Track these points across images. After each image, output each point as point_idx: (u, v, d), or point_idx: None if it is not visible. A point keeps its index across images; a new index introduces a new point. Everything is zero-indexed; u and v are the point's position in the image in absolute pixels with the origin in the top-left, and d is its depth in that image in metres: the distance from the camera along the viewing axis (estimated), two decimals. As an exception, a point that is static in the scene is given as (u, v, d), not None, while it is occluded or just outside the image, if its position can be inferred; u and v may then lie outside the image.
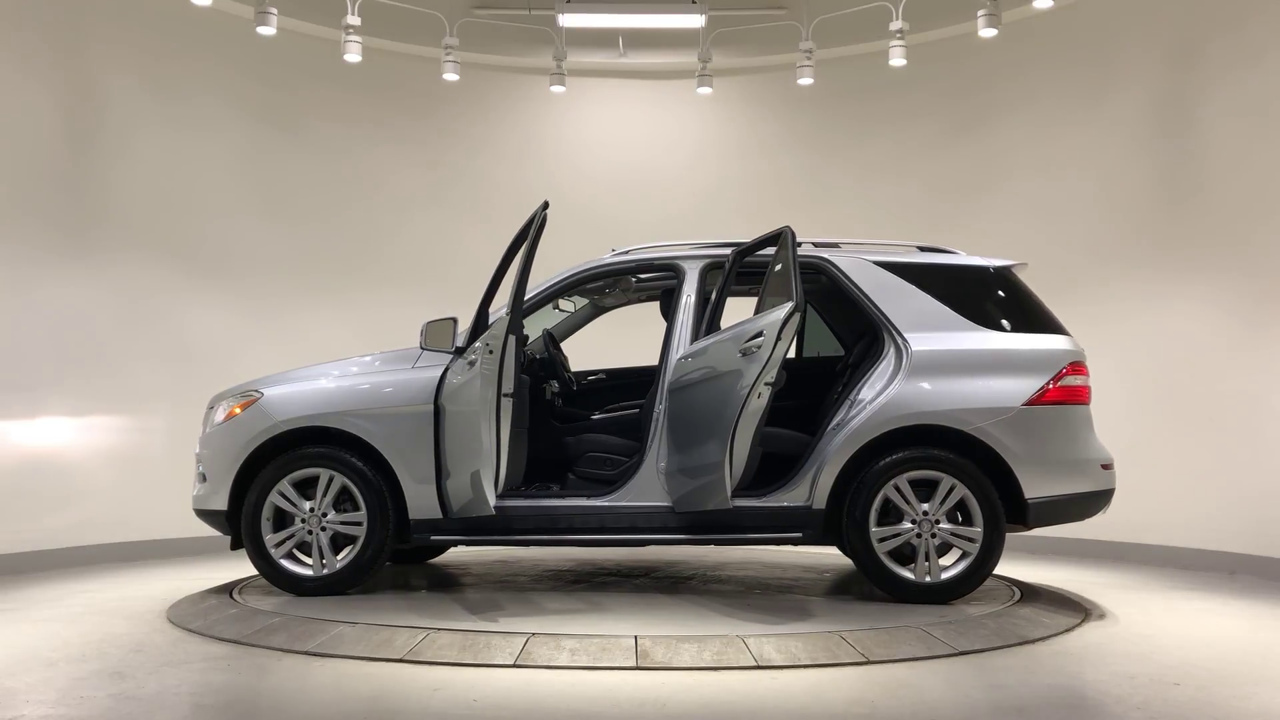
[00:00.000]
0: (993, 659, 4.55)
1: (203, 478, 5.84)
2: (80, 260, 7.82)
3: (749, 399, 5.00)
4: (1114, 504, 5.76)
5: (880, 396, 5.51)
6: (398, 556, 7.02)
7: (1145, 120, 8.11)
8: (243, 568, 6.89)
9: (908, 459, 5.44)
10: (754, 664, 4.33)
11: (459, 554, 7.51)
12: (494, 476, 5.13)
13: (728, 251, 5.92)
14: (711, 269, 5.93)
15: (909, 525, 5.43)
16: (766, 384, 5.07)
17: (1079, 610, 5.60)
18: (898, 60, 8.42)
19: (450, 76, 8.93)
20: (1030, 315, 5.82)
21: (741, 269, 5.91)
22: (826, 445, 5.50)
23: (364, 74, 9.02)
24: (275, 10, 8.04)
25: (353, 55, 8.29)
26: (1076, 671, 4.37)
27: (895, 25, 8.31)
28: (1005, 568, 6.69)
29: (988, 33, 8.04)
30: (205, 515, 5.86)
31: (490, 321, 5.41)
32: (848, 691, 4.01)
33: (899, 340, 5.63)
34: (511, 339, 5.25)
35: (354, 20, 8.20)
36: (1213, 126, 7.65)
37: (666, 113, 9.95)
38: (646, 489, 5.54)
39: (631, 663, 4.33)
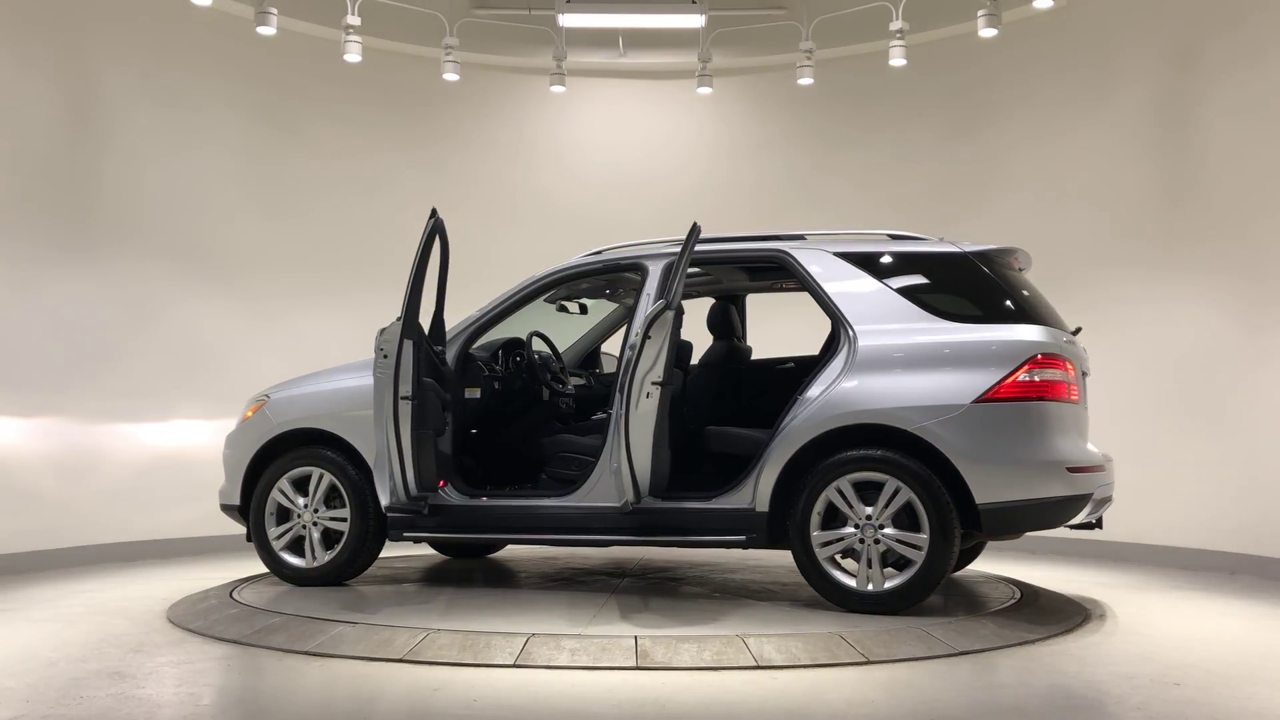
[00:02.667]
0: (993, 659, 4.55)
1: (226, 476, 6.33)
2: (80, 260, 7.82)
3: (638, 399, 5.00)
4: (1115, 504, 5.60)
5: (823, 395, 5.24)
6: (458, 552, 7.22)
7: (1145, 120, 8.11)
8: (242, 568, 6.91)
9: (848, 460, 5.13)
10: (754, 664, 4.33)
11: (456, 556, 7.51)
12: (399, 476, 5.36)
13: (704, 249, 5.86)
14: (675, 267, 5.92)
15: (851, 530, 5.12)
16: (654, 383, 5.01)
17: (1079, 610, 5.60)
18: (898, 60, 8.42)
19: (450, 76, 8.93)
20: (1002, 304, 5.34)
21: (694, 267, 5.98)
22: (770, 446, 5.28)
23: (364, 74, 9.02)
24: (275, 10, 8.04)
25: (353, 55, 8.29)
26: (1076, 671, 4.37)
27: (895, 25, 8.31)
28: (1005, 568, 6.71)
29: (988, 33, 8.04)
30: (226, 509, 6.35)
31: (460, 329, 5.73)
32: (848, 691, 4.01)
33: (850, 334, 5.32)
34: (408, 344, 5.38)
35: (354, 20, 8.20)
36: (1213, 126, 7.65)
37: (666, 113, 9.95)
38: (602, 490, 5.47)
39: (631, 663, 4.33)
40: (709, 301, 6.60)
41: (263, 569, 6.29)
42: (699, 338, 6.32)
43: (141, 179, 8.23)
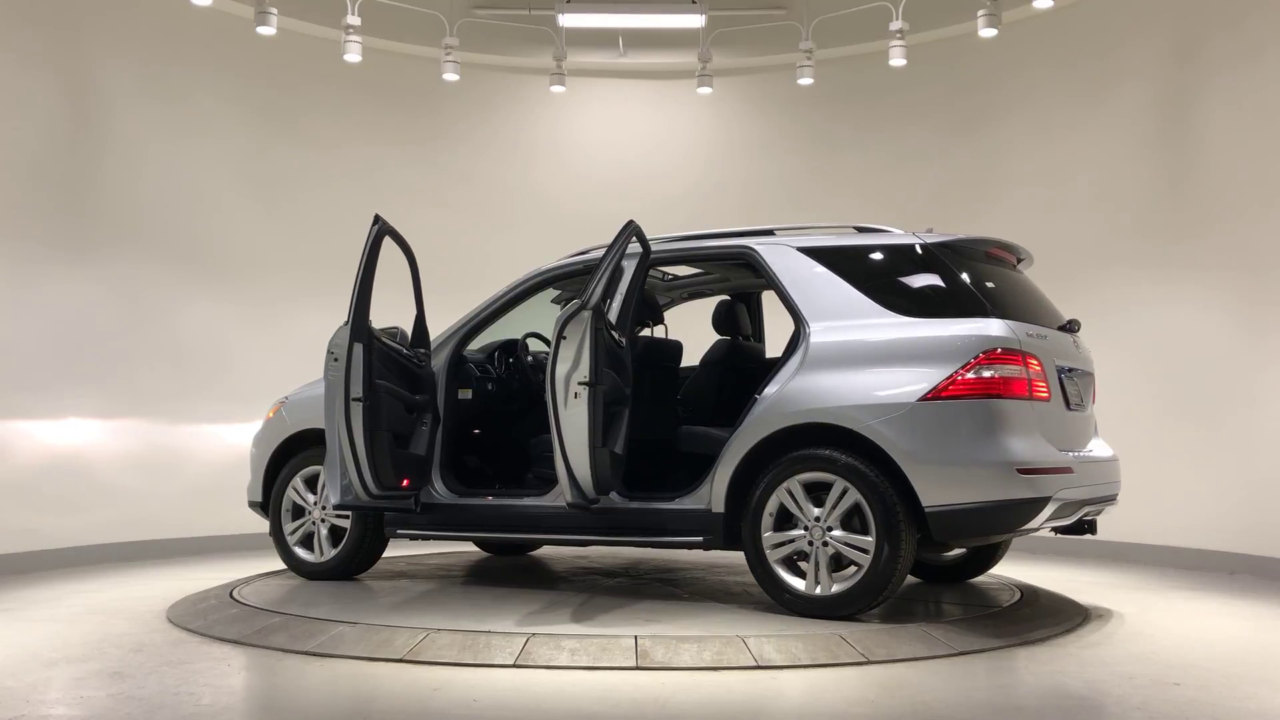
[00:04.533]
0: (993, 659, 4.55)
1: (251, 473, 6.57)
2: (80, 259, 7.82)
3: (565, 399, 5.00)
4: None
5: (775, 394, 5.12)
6: (499, 550, 7.35)
7: (1145, 119, 8.11)
8: (242, 568, 6.91)
9: (797, 460, 4.99)
10: (754, 664, 4.32)
11: (459, 554, 7.51)
12: (355, 475, 5.45)
13: (673, 246, 5.87)
14: (658, 264, 5.90)
15: (801, 531, 5.00)
16: (580, 383, 4.98)
17: (1079, 610, 5.60)
18: (898, 60, 8.43)
19: (450, 76, 8.93)
20: (960, 297, 5.09)
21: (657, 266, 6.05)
22: (725, 447, 5.19)
23: (364, 74, 9.02)
24: (275, 10, 8.04)
25: (353, 55, 8.29)
26: (1076, 671, 4.36)
27: (895, 25, 8.32)
28: (1005, 568, 6.70)
29: (988, 33, 8.04)
30: (251, 506, 6.57)
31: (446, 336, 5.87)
32: (848, 691, 4.00)
33: (806, 331, 5.19)
34: (358, 347, 5.45)
35: (354, 20, 8.21)
36: (1213, 124, 7.66)
37: (666, 113, 9.95)
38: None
39: (631, 663, 4.32)
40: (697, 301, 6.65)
41: (263, 569, 6.31)
42: (705, 336, 6.31)
43: (141, 179, 8.22)
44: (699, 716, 3.74)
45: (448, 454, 5.99)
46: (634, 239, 5.52)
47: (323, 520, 6.19)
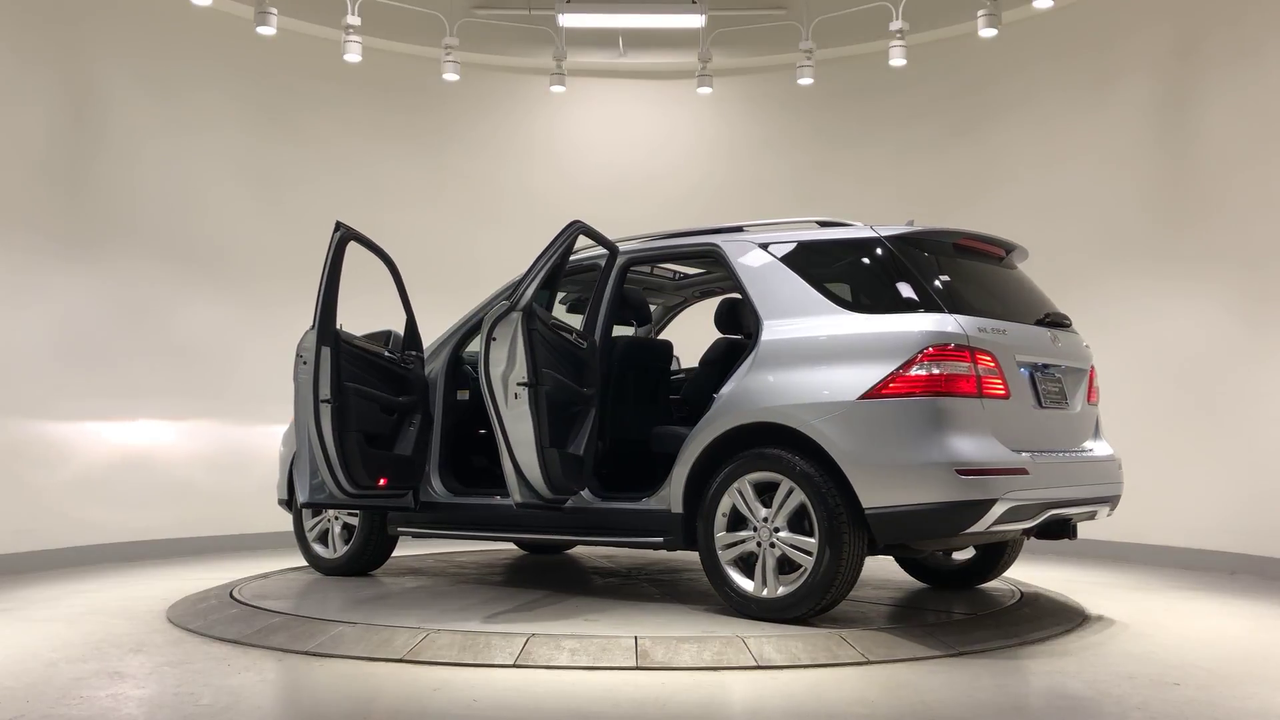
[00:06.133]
0: (993, 659, 4.55)
1: (280, 471, 6.70)
2: (79, 259, 7.82)
3: (505, 400, 5.02)
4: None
5: (729, 393, 5.07)
6: (534, 549, 7.39)
7: (1145, 118, 8.11)
8: (242, 568, 6.91)
9: (746, 459, 4.94)
10: (754, 664, 4.32)
11: (459, 555, 7.51)
12: (328, 475, 5.53)
13: (645, 246, 5.86)
14: (633, 264, 5.89)
15: (750, 532, 4.94)
16: (520, 384, 4.97)
17: (1079, 610, 5.60)
18: (898, 60, 8.43)
19: (450, 76, 8.93)
20: (913, 291, 4.92)
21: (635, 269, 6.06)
22: (682, 447, 5.17)
23: (364, 74, 9.02)
24: (275, 10, 8.04)
25: (353, 55, 8.29)
26: (1076, 671, 4.36)
27: (895, 25, 8.32)
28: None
29: (988, 33, 8.04)
30: (279, 502, 6.71)
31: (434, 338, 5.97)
32: (848, 691, 4.00)
33: (760, 327, 5.11)
34: (325, 350, 5.53)
35: (354, 20, 8.21)
36: (1213, 123, 7.66)
37: (666, 113, 9.95)
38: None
39: (631, 663, 4.32)
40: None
41: (263, 569, 6.32)
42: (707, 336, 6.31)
43: (141, 178, 8.22)
44: (699, 716, 3.74)
45: (446, 454, 6.01)
46: (594, 240, 5.53)
47: (336, 518, 6.39)
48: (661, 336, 7.28)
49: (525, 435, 5.00)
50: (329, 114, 9.24)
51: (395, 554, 6.59)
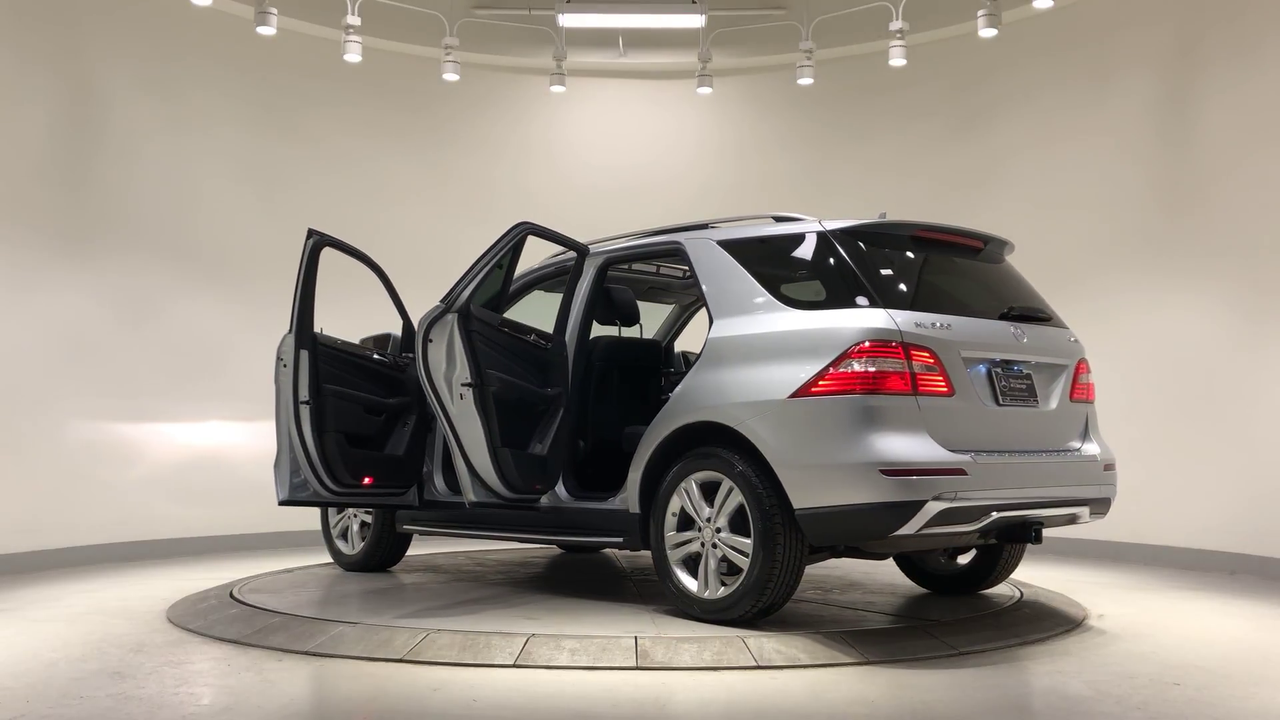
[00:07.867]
0: (993, 659, 4.55)
1: None
2: (79, 260, 7.82)
3: (451, 401, 5.05)
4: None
5: (678, 392, 5.07)
6: (570, 549, 7.41)
7: (1145, 118, 8.11)
8: (242, 568, 6.91)
9: (691, 459, 4.92)
10: (754, 664, 4.32)
11: (459, 554, 7.51)
12: (310, 473, 5.60)
13: (616, 245, 5.85)
14: (611, 264, 5.89)
15: (696, 533, 4.90)
16: (464, 385, 5.01)
17: (1079, 610, 5.60)
18: (898, 60, 8.43)
19: (450, 76, 8.93)
20: (852, 286, 4.78)
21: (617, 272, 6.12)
22: (637, 447, 5.14)
23: (364, 74, 9.02)
24: (275, 10, 8.04)
25: (353, 55, 8.30)
26: (1076, 671, 4.36)
27: (895, 25, 8.32)
28: (1005, 568, 6.69)
29: (987, 33, 8.04)
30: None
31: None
32: (848, 691, 4.00)
33: (710, 325, 5.08)
34: (303, 353, 5.63)
35: (354, 20, 8.21)
36: (1212, 121, 7.66)
37: (666, 113, 9.95)
38: None
39: (631, 663, 4.32)
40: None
41: (263, 569, 6.35)
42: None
43: (141, 178, 8.22)
44: (699, 716, 3.74)
45: (447, 453, 6.01)
46: (551, 241, 5.53)
47: (355, 516, 6.60)
48: (681, 336, 7.28)
49: (476, 436, 5.05)
50: (328, 114, 9.24)
51: (423, 552, 6.68)
